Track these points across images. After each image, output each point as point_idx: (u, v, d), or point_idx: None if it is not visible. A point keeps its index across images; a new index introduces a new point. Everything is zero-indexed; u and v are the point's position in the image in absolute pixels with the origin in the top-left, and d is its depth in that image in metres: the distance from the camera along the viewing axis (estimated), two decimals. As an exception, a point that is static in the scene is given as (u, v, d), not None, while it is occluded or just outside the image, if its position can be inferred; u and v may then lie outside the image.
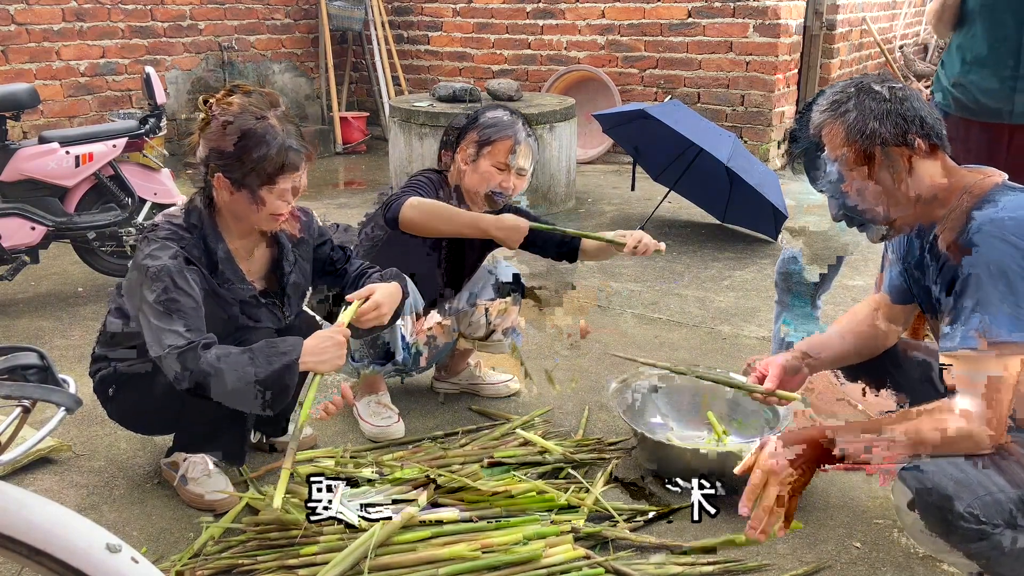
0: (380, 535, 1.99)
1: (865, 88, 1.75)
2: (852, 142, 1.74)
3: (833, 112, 1.76)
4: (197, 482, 2.29)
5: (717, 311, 3.85)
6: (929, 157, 1.75)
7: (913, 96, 1.74)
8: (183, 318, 2.01)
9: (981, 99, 2.73)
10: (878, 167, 1.74)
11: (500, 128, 2.64)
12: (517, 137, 2.64)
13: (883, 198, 1.77)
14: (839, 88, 1.79)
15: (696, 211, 5.47)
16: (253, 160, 2.05)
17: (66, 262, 4.40)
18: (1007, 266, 1.59)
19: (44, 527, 1.04)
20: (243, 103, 2.08)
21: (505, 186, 2.65)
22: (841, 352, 2.11)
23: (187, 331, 2.00)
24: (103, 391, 2.29)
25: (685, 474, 2.43)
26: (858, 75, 1.83)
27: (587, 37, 7.09)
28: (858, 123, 1.73)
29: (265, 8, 7.58)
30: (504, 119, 2.67)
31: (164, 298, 2.02)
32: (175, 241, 2.10)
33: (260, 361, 1.98)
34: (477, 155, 2.64)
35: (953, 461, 1.62)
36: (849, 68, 7.96)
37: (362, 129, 7.79)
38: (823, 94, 1.82)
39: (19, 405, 1.17)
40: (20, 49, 5.88)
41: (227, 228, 2.20)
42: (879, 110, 1.72)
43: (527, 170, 2.69)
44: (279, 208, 2.13)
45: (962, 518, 1.58)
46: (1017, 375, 1.59)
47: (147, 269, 2.05)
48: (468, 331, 2.86)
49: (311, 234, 2.39)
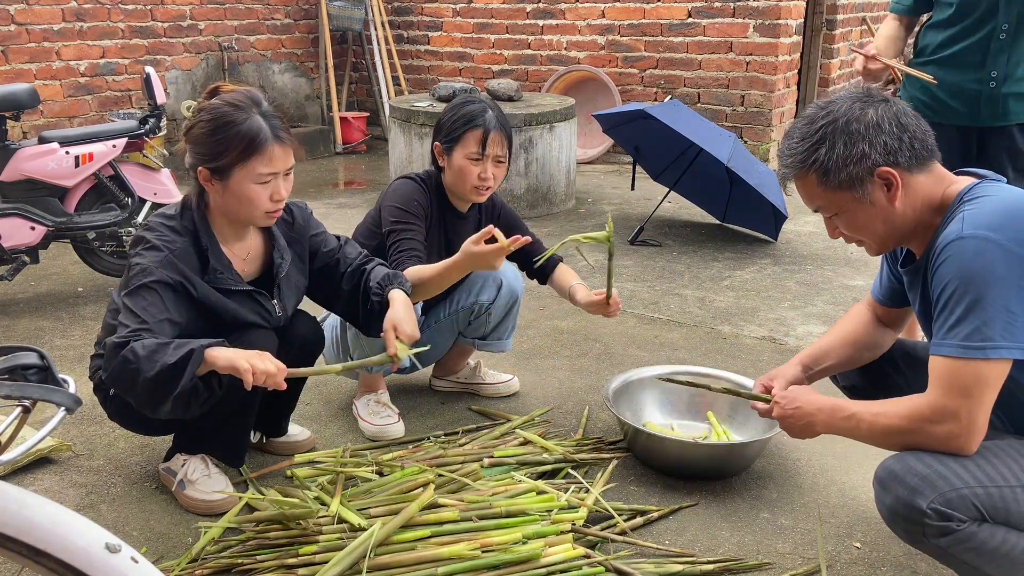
0: (380, 534, 1.99)
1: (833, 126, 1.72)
2: (825, 192, 1.75)
3: (803, 161, 1.75)
4: (196, 484, 2.28)
5: (717, 311, 3.85)
6: (916, 172, 1.72)
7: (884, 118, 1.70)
8: (139, 316, 1.99)
9: (950, 103, 2.75)
10: (857, 205, 1.74)
11: (467, 120, 2.60)
12: (487, 126, 2.59)
13: (872, 227, 1.77)
14: (808, 121, 1.76)
15: (696, 211, 5.48)
16: (224, 140, 2.06)
17: (66, 262, 4.40)
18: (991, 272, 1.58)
19: (44, 527, 1.04)
20: (223, 98, 2.11)
21: (484, 177, 2.61)
22: (839, 361, 2.11)
23: (135, 324, 1.97)
24: (103, 391, 2.29)
25: (677, 467, 2.46)
26: (827, 99, 1.80)
27: (587, 37, 7.09)
28: (829, 173, 1.72)
29: (265, 8, 7.58)
30: (471, 110, 2.62)
31: (133, 296, 2.02)
32: (166, 244, 2.10)
33: (178, 348, 1.92)
34: (450, 151, 2.63)
35: (920, 457, 1.64)
36: (849, 68, 7.96)
37: (362, 129, 7.79)
38: (795, 127, 1.80)
39: (19, 405, 1.17)
40: (20, 49, 5.88)
41: (219, 229, 2.20)
42: (844, 154, 1.70)
43: (504, 156, 2.65)
44: (258, 196, 2.10)
45: (925, 515, 1.59)
46: (999, 378, 1.59)
47: (132, 267, 2.08)
48: (468, 331, 2.86)
49: (305, 226, 2.38)
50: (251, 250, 2.29)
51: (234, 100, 2.10)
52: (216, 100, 2.12)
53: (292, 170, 2.17)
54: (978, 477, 1.60)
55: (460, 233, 2.75)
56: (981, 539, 1.59)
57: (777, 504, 2.34)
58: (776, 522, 2.26)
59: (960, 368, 1.59)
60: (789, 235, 5.06)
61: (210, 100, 2.14)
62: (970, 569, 1.64)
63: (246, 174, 2.08)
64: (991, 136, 2.74)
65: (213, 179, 2.10)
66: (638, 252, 4.76)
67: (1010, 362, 1.59)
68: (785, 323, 3.70)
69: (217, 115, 2.08)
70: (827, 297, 4.04)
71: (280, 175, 2.13)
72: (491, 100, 2.71)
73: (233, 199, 2.12)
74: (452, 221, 2.77)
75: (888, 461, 1.69)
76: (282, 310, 2.31)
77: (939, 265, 1.64)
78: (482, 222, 2.80)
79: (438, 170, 2.72)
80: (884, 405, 1.73)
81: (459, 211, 2.77)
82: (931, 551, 1.66)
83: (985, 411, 1.60)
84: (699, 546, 2.15)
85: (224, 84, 2.21)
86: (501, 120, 2.64)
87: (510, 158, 2.70)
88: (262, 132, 2.07)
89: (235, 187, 2.10)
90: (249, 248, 2.28)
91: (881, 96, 1.75)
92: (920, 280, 1.80)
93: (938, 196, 1.74)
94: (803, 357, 2.12)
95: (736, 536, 2.20)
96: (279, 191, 2.13)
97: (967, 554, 1.61)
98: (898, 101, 1.76)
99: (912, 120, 1.73)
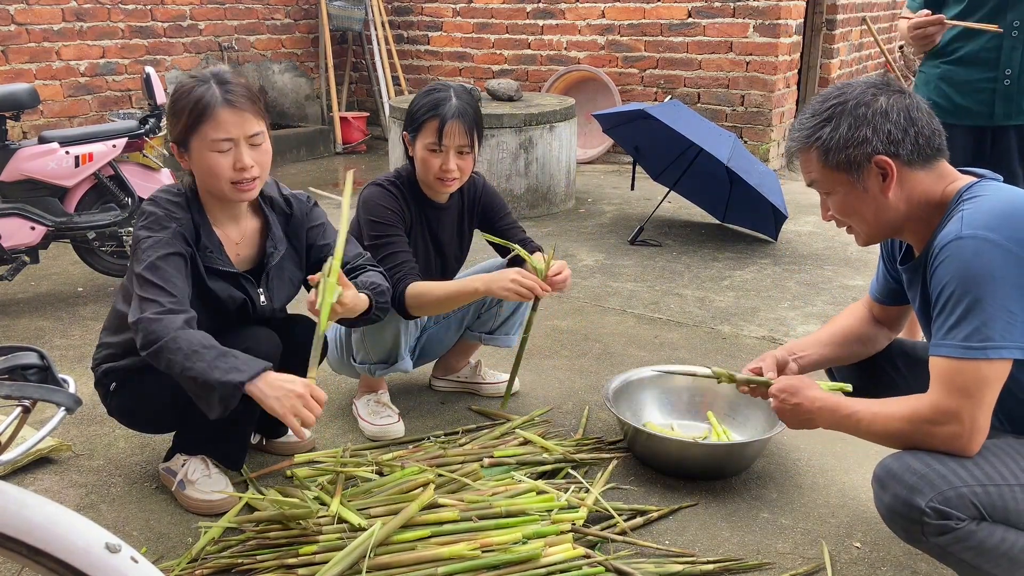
0: (380, 534, 1.99)
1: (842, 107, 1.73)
2: (823, 169, 1.76)
3: (808, 136, 1.76)
4: (196, 485, 2.28)
5: (717, 311, 3.85)
6: (917, 168, 1.72)
7: (893, 107, 1.71)
8: (167, 291, 2.01)
9: (962, 102, 2.74)
10: (850, 188, 1.75)
11: (427, 108, 2.50)
12: (444, 116, 2.46)
13: (861, 213, 1.77)
14: (822, 99, 1.78)
15: (696, 211, 5.48)
16: (178, 111, 2.08)
17: (66, 262, 4.40)
18: (990, 272, 1.58)
19: (44, 527, 1.04)
20: (189, 74, 2.17)
21: (446, 169, 2.50)
22: (826, 354, 2.11)
23: (167, 302, 1.99)
24: (105, 386, 2.28)
25: (677, 468, 2.46)
26: (846, 81, 1.81)
27: (587, 37, 7.09)
28: (830, 152, 1.73)
29: (265, 8, 7.58)
30: (433, 99, 2.51)
31: (151, 270, 2.02)
32: (173, 217, 2.11)
33: (219, 364, 1.92)
34: (414, 142, 2.55)
35: (918, 456, 1.64)
36: (849, 68, 7.96)
37: (362, 129, 7.79)
38: (809, 104, 1.82)
39: (19, 405, 1.17)
40: (20, 49, 5.88)
41: (210, 209, 2.20)
42: (847, 136, 1.71)
43: (467, 147, 2.51)
44: (218, 164, 2.06)
45: (924, 513, 1.59)
46: (1000, 378, 1.59)
47: (141, 241, 2.07)
48: (476, 325, 2.86)
49: (304, 219, 2.35)
50: (245, 235, 2.26)
51: (196, 74, 2.13)
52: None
53: (260, 139, 2.11)
54: (977, 476, 1.60)
55: (443, 224, 2.72)
56: (980, 538, 1.59)
57: (777, 504, 2.34)
58: (776, 522, 2.26)
59: (961, 368, 1.59)
60: (789, 235, 5.06)
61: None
62: (969, 568, 1.64)
63: (201, 142, 2.07)
64: (1004, 134, 2.74)
65: (181, 152, 2.12)
66: (638, 252, 4.76)
67: (1010, 362, 1.59)
68: (785, 323, 3.70)
69: (177, 88, 2.11)
70: (827, 297, 4.04)
71: (241, 142, 2.07)
72: (460, 87, 2.57)
73: (199, 170, 2.12)
74: (432, 215, 2.69)
75: (887, 460, 1.69)
76: (268, 300, 2.27)
77: (938, 265, 1.64)
78: (464, 208, 2.75)
79: (411, 161, 2.63)
80: (885, 405, 1.72)
81: (437, 203, 2.68)
82: (930, 550, 1.66)
83: (986, 411, 1.60)
84: (699, 546, 2.15)
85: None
86: (463, 109, 2.49)
87: (477, 147, 2.56)
88: (209, 97, 2.06)
89: (196, 157, 2.10)
90: (244, 232, 2.26)
91: (898, 87, 1.75)
92: (919, 278, 1.80)
93: (938, 194, 1.74)
94: (791, 344, 2.15)
95: (736, 536, 2.20)
96: (241, 159, 2.07)
97: (966, 553, 1.61)
98: (914, 95, 1.75)
99: (923, 116, 1.72)
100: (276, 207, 2.31)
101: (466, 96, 2.55)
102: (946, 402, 1.61)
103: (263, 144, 2.13)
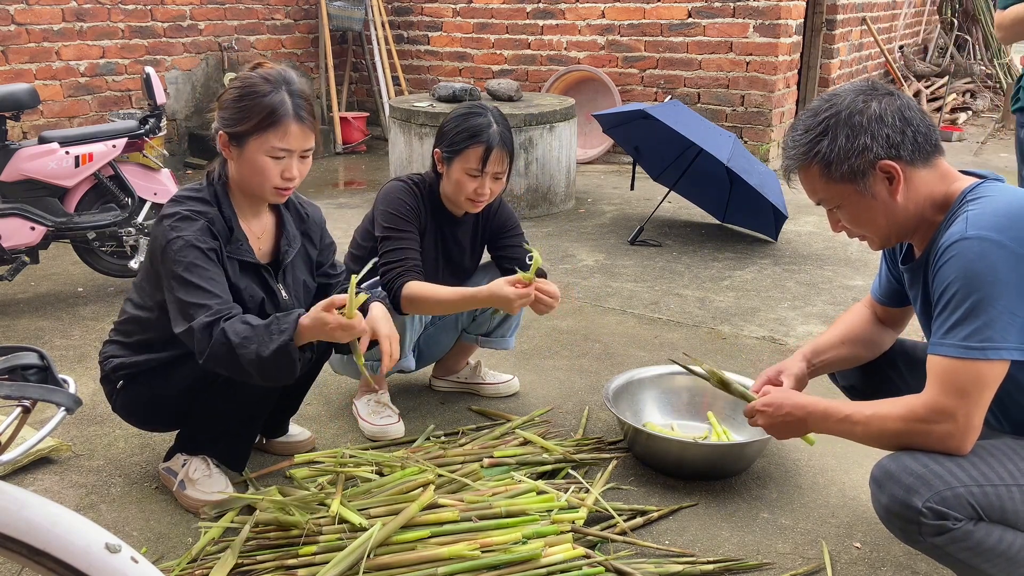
0: (380, 535, 1.99)
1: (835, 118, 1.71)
2: (827, 184, 1.74)
3: (806, 152, 1.74)
4: (196, 484, 2.28)
5: (717, 311, 3.85)
6: (919, 167, 1.71)
7: (887, 111, 1.69)
8: (210, 291, 2.04)
9: None
10: (859, 198, 1.73)
11: (470, 134, 2.54)
12: (489, 143, 2.53)
13: (874, 220, 1.76)
14: (812, 113, 1.75)
15: (696, 211, 5.48)
16: (246, 108, 2.10)
17: (66, 262, 4.40)
18: (994, 273, 1.58)
19: (44, 527, 1.04)
20: (259, 72, 2.16)
21: (480, 192, 2.56)
22: (838, 357, 2.11)
23: (216, 304, 2.02)
24: (112, 382, 2.27)
25: (677, 468, 2.46)
26: (832, 91, 1.80)
27: (587, 37, 7.09)
28: (831, 165, 1.71)
29: (265, 8, 7.58)
30: (475, 123, 2.56)
31: (191, 271, 2.04)
32: (200, 214, 2.13)
33: (264, 338, 1.98)
34: (450, 162, 2.57)
35: (916, 456, 1.64)
36: (849, 68, 7.96)
37: (362, 129, 7.79)
38: (799, 119, 1.79)
39: (19, 405, 1.17)
40: (20, 49, 5.87)
41: (238, 202, 2.23)
42: (847, 147, 1.69)
43: (503, 172, 2.60)
44: (270, 169, 2.11)
45: (921, 514, 1.59)
46: (997, 379, 1.59)
47: (172, 241, 2.08)
48: (472, 327, 2.86)
49: (320, 229, 2.41)
50: (265, 230, 2.31)
51: (267, 74, 2.15)
52: (253, 72, 2.17)
53: (310, 154, 2.19)
54: (974, 476, 1.60)
55: (456, 238, 2.74)
56: (977, 538, 1.59)
57: (777, 504, 2.34)
58: (776, 522, 2.26)
59: (959, 368, 1.59)
60: (789, 235, 5.06)
61: (249, 72, 2.19)
62: (967, 568, 1.64)
63: (260, 145, 2.10)
64: None
65: (231, 144, 2.14)
66: (638, 252, 4.76)
67: (1008, 363, 1.59)
68: (785, 323, 3.70)
69: (247, 84, 2.13)
70: (827, 297, 4.04)
71: (295, 154, 2.14)
72: (496, 111, 2.62)
73: (246, 168, 2.14)
74: (447, 226, 2.72)
75: (884, 460, 1.69)
76: (287, 295, 2.30)
77: (942, 265, 1.64)
78: (478, 222, 2.78)
79: (436, 175, 2.67)
80: (879, 406, 1.72)
81: (454, 216, 2.72)
82: (928, 550, 1.66)
83: (981, 412, 1.60)
84: (699, 546, 2.15)
85: (266, 62, 2.25)
86: (504, 136, 2.57)
87: (510, 172, 2.65)
88: (283, 107, 2.10)
89: (249, 156, 2.12)
90: (264, 227, 2.30)
91: (886, 89, 1.74)
92: (921, 278, 1.80)
93: (941, 193, 1.73)
94: (805, 352, 2.12)
95: (736, 536, 2.20)
96: (291, 170, 2.15)
97: (964, 553, 1.61)
98: (902, 95, 1.75)
99: (916, 114, 1.72)
100: (289, 205, 2.36)
101: (503, 120, 2.61)
102: (943, 401, 1.61)
103: (309, 157, 2.21)
